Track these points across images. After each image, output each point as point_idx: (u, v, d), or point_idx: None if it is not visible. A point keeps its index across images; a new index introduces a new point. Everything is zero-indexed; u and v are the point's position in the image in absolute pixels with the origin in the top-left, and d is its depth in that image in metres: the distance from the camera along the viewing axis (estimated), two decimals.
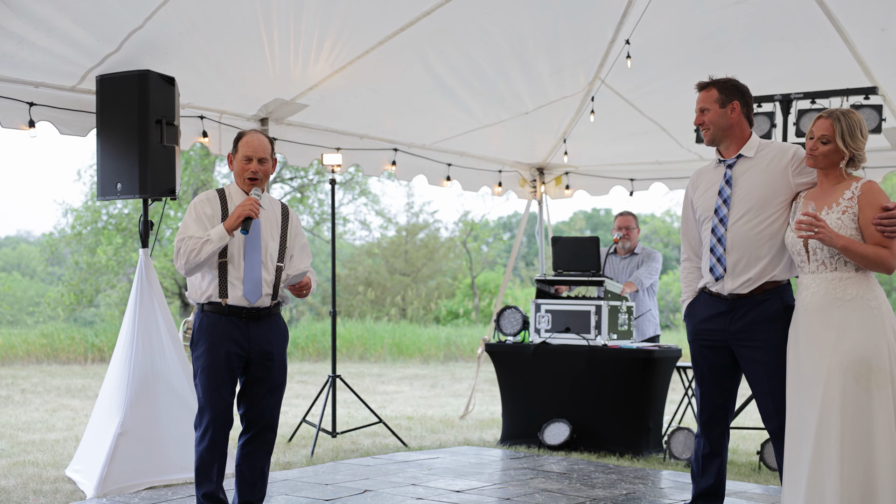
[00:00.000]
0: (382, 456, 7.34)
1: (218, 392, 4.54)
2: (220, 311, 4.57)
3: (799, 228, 4.14)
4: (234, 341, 4.55)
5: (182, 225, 4.56)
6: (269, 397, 4.67)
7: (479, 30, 7.08)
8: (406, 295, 27.29)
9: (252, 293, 4.56)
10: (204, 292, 4.59)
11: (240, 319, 4.57)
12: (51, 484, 6.05)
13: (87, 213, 23.08)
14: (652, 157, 9.37)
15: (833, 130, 4.17)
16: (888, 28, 6.72)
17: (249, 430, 4.68)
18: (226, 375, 4.55)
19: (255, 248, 4.59)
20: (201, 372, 4.57)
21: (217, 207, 4.62)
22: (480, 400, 11.65)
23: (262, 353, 4.61)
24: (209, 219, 4.58)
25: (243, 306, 4.57)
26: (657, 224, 28.67)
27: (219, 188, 4.74)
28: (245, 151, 4.63)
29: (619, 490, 6.08)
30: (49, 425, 9.13)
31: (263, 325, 4.63)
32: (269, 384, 4.66)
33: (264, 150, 4.65)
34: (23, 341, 17.82)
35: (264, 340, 4.62)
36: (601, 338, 7.56)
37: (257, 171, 4.63)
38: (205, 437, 4.56)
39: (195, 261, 4.45)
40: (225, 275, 4.56)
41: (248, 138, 4.65)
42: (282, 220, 4.76)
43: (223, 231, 4.47)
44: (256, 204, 4.51)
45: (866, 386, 4.02)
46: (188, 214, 4.60)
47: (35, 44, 5.82)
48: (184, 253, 4.46)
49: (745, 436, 8.75)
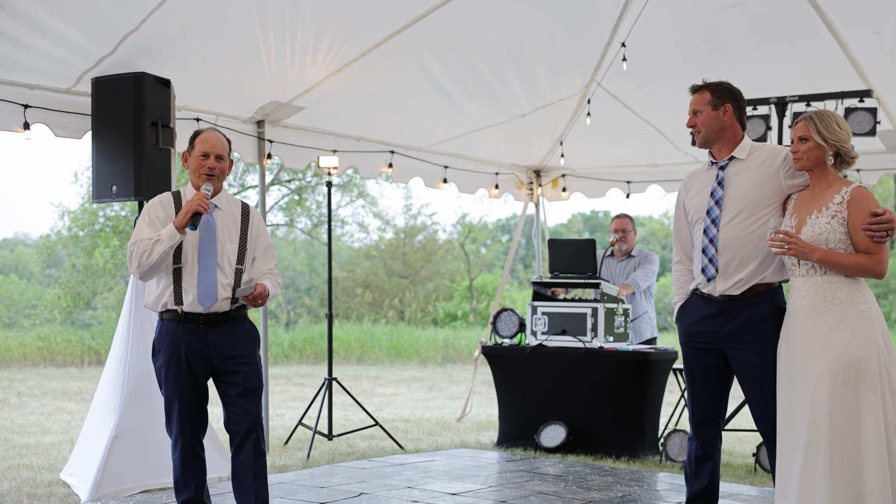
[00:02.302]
0: (379, 459, 7.34)
1: (182, 400, 4.47)
2: (176, 319, 4.45)
3: (772, 245, 4.18)
4: (194, 349, 4.44)
5: (135, 229, 4.47)
6: (244, 401, 4.51)
7: (476, 32, 7.08)
8: (404, 297, 27.29)
9: (206, 298, 4.42)
10: (159, 300, 4.48)
11: (197, 326, 4.45)
12: (45, 487, 6.04)
13: (84, 215, 23.07)
14: (648, 159, 9.38)
15: (808, 129, 4.22)
16: (883, 31, 6.73)
17: (234, 440, 4.55)
18: (188, 382, 4.46)
19: (209, 250, 4.46)
20: (164, 382, 4.50)
21: (171, 209, 4.50)
22: (477, 402, 11.65)
23: (228, 359, 4.49)
24: (161, 221, 4.46)
25: (199, 312, 4.43)
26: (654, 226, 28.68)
27: (174, 190, 4.64)
28: (202, 147, 4.50)
29: (616, 492, 6.07)
30: (44, 428, 9.12)
31: (224, 331, 4.49)
32: (241, 388, 4.51)
33: (222, 147, 4.53)
34: (19, 344, 17.80)
35: (226, 346, 4.49)
36: (597, 340, 7.56)
37: (214, 168, 4.49)
38: (176, 445, 4.52)
39: (147, 262, 4.32)
40: (179, 280, 4.43)
41: (206, 135, 4.53)
42: (241, 219, 4.61)
43: (172, 230, 4.33)
44: (205, 199, 4.36)
45: (855, 389, 4.03)
46: (141, 218, 4.49)
47: (30, 46, 5.82)
48: (136, 256, 4.34)
49: (740, 438, 8.75)
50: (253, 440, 4.53)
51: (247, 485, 4.52)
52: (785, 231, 4.17)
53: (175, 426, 4.51)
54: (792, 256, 4.24)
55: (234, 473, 4.56)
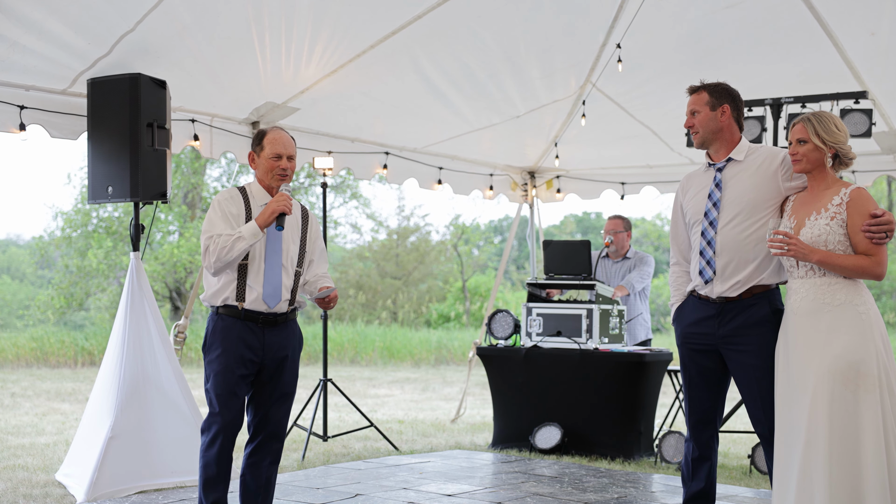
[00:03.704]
0: (373, 460, 7.34)
1: (231, 398, 4.38)
2: (235, 315, 4.40)
3: (771, 246, 4.18)
4: (249, 347, 4.40)
5: (207, 223, 4.39)
6: (278, 405, 4.52)
7: (471, 33, 7.08)
8: (397, 298, 27.29)
9: (272, 297, 4.41)
10: (219, 294, 4.42)
11: (255, 324, 4.41)
12: (41, 488, 6.02)
13: (78, 216, 23.01)
14: (643, 160, 9.39)
15: (806, 131, 4.22)
16: (878, 32, 6.74)
17: (255, 439, 4.53)
18: (239, 381, 4.39)
19: (276, 250, 4.43)
20: (214, 377, 4.39)
21: (241, 206, 4.46)
22: (472, 403, 11.65)
23: (276, 360, 4.47)
24: (234, 217, 4.41)
25: (260, 311, 4.41)
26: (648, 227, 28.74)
27: (239, 186, 4.58)
28: (275, 149, 4.45)
29: (611, 494, 6.08)
30: (39, 429, 9.10)
31: (279, 331, 4.48)
32: (278, 392, 4.52)
33: (293, 148, 4.51)
34: (12, 345, 17.76)
35: (279, 347, 4.47)
36: (592, 341, 7.57)
37: (286, 169, 4.47)
38: (214, 443, 4.40)
39: (226, 258, 4.28)
40: (244, 277, 4.39)
41: (276, 135, 4.48)
42: (302, 223, 4.60)
43: (256, 228, 4.31)
44: (290, 200, 4.36)
45: (854, 390, 4.03)
46: (213, 212, 4.42)
47: (26, 47, 5.80)
48: (214, 251, 4.28)
49: (735, 439, 8.77)
50: (275, 445, 4.53)
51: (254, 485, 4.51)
52: (784, 232, 4.17)
53: (217, 424, 4.38)
54: (791, 258, 4.25)
55: (244, 472, 4.52)
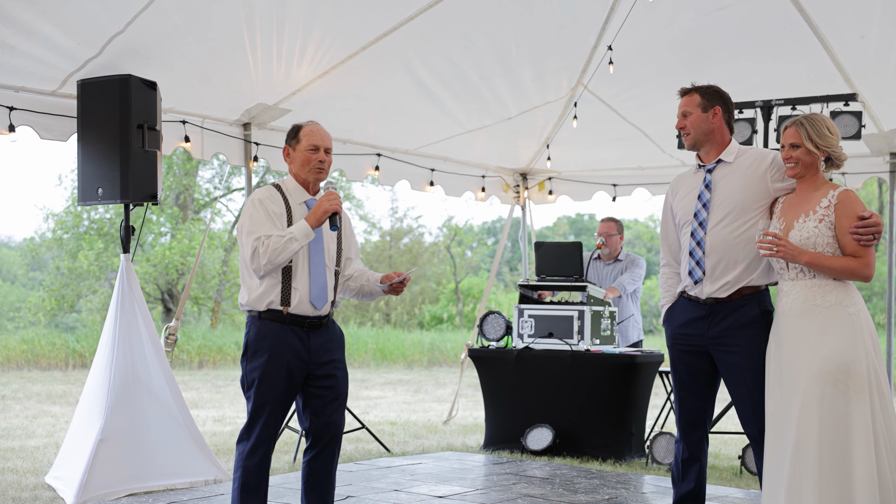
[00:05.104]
0: (365, 462, 7.33)
1: (275, 406, 4.22)
2: (280, 320, 4.21)
3: (760, 247, 4.19)
4: (296, 353, 4.22)
5: (250, 223, 4.18)
6: (334, 409, 4.36)
7: (463, 35, 7.09)
8: (390, 300, 27.28)
9: (318, 299, 4.24)
10: (262, 298, 4.22)
11: (301, 329, 4.24)
12: (30, 491, 6.00)
13: (69, 217, 22.98)
14: (634, 162, 9.41)
15: (799, 135, 4.22)
16: (868, 35, 6.76)
17: (317, 445, 4.37)
18: (286, 389, 4.23)
19: (318, 250, 4.27)
20: (259, 384, 4.20)
21: (282, 205, 4.27)
22: (464, 405, 11.66)
23: (325, 364, 4.31)
24: (278, 217, 4.22)
25: (306, 315, 4.23)
26: (640, 229, 28.79)
27: (274, 183, 4.41)
28: (312, 140, 4.29)
29: (602, 495, 6.08)
30: (29, 432, 9.07)
31: (322, 334, 4.31)
32: (334, 393, 4.36)
33: (329, 140, 4.35)
34: (3, 347, 17.72)
35: (324, 350, 4.31)
36: (584, 343, 7.57)
37: (324, 161, 4.31)
38: (256, 451, 4.23)
39: (277, 261, 4.08)
40: (289, 280, 4.21)
41: (313, 128, 4.33)
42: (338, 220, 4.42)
43: (308, 228, 4.13)
44: (338, 197, 4.21)
45: (844, 392, 4.04)
46: (256, 212, 4.20)
47: (15, 48, 5.79)
48: (264, 252, 4.07)
49: (726, 440, 8.78)
50: (337, 448, 4.41)
51: (322, 490, 4.41)
52: (774, 233, 4.18)
53: (258, 432, 4.23)
54: (780, 259, 4.26)
55: (309, 478, 4.40)
